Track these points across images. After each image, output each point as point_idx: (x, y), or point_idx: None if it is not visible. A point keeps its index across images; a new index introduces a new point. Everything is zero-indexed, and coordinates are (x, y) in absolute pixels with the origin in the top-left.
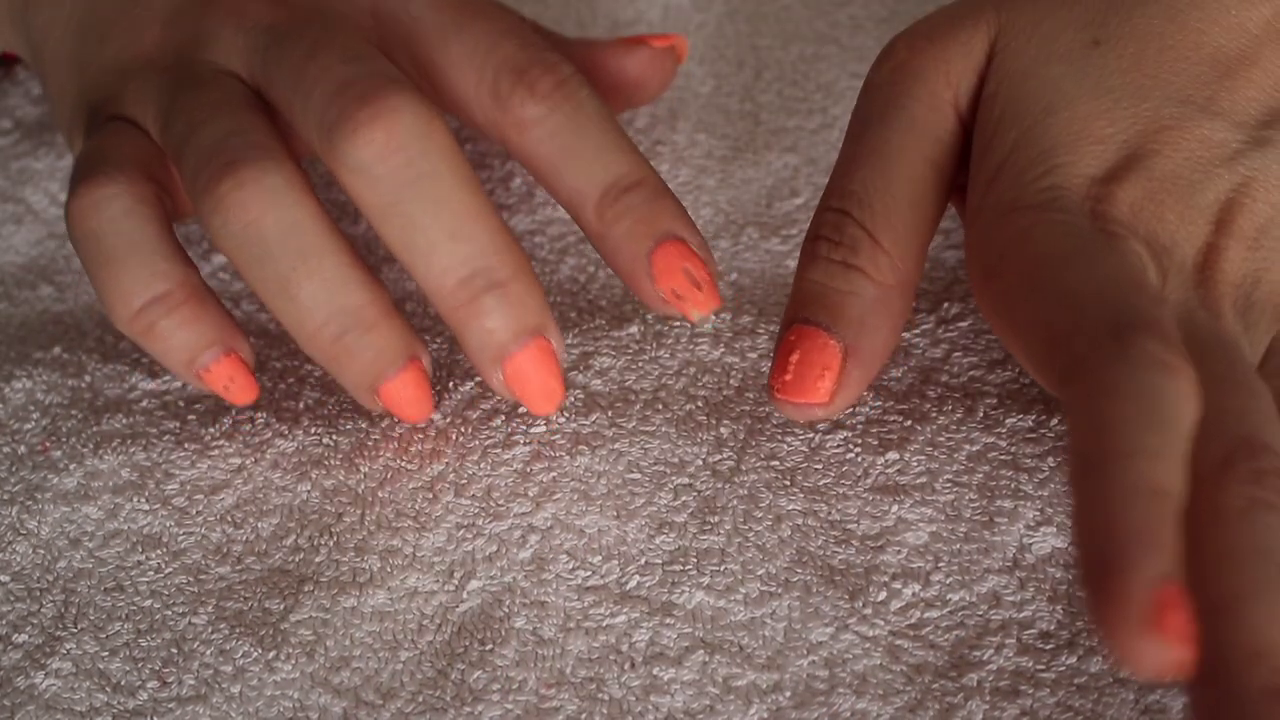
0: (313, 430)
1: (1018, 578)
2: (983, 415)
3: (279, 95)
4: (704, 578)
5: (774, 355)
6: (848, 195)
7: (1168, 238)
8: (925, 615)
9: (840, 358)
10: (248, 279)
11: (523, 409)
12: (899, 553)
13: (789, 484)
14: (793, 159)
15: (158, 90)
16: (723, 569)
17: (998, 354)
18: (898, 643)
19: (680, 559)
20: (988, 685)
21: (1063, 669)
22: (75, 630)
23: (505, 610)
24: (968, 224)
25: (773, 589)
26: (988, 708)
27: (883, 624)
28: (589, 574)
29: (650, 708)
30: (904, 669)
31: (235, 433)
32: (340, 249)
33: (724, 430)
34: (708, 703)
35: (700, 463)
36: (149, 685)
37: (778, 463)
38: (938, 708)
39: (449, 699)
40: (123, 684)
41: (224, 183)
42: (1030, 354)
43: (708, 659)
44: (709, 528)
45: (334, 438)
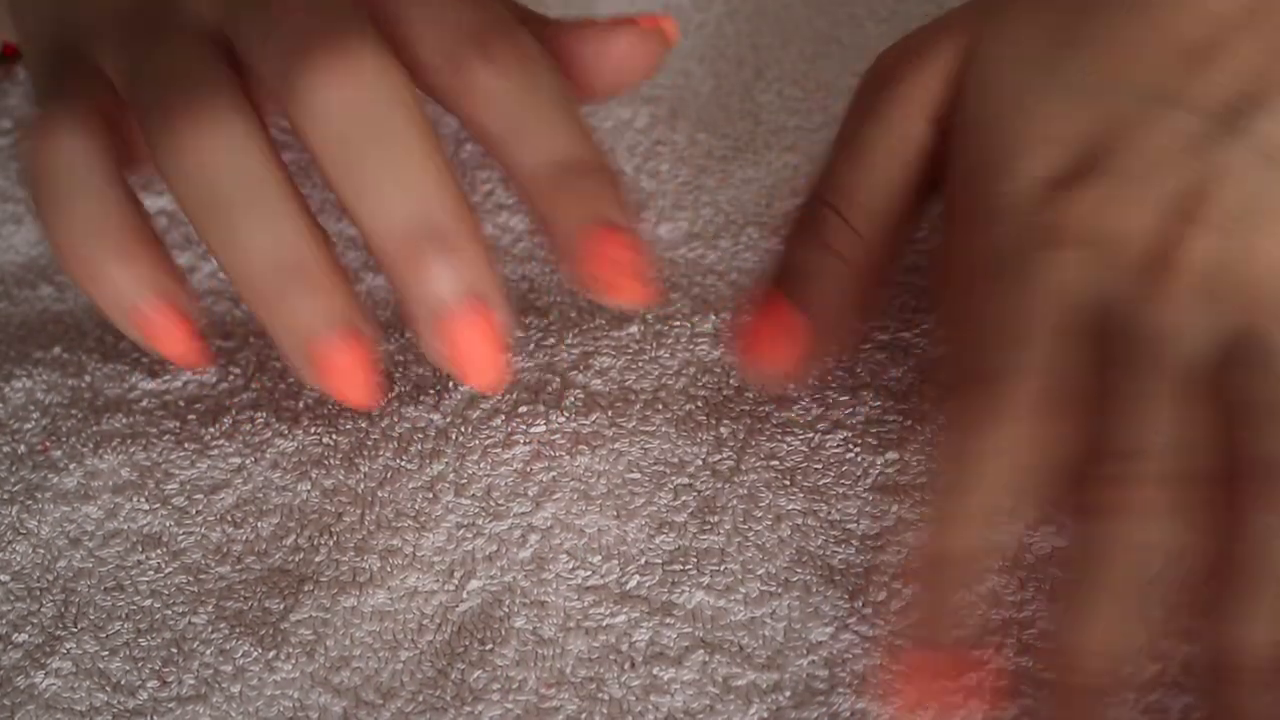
0: (312, 430)
1: (1018, 577)
2: None
3: (244, 43)
4: (704, 577)
5: (744, 318)
6: (828, 186)
7: (1122, 232)
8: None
9: (806, 327)
10: (194, 221)
11: (523, 408)
12: (899, 553)
13: (789, 484)
14: (793, 158)
15: (124, 39)
16: (723, 569)
17: None
18: (898, 643)
19: (680, 559)
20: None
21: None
22: (75, 630)
23: (505, 610)
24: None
25: (772, 589)
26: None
27: (883, 624)
28: (589, 574)
29: (650, 707)
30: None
31: (235, 432)
32: (294, 199)
33: (724, 430)
34: (707, 702)
35: (700, 462)
36: (149, 685)
37: (777, 462)
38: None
39: (449, 699)
40: (123, 683)
41: (181, 120)
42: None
43: (708, 659)
44: (709, 527)
45: (334, 437)
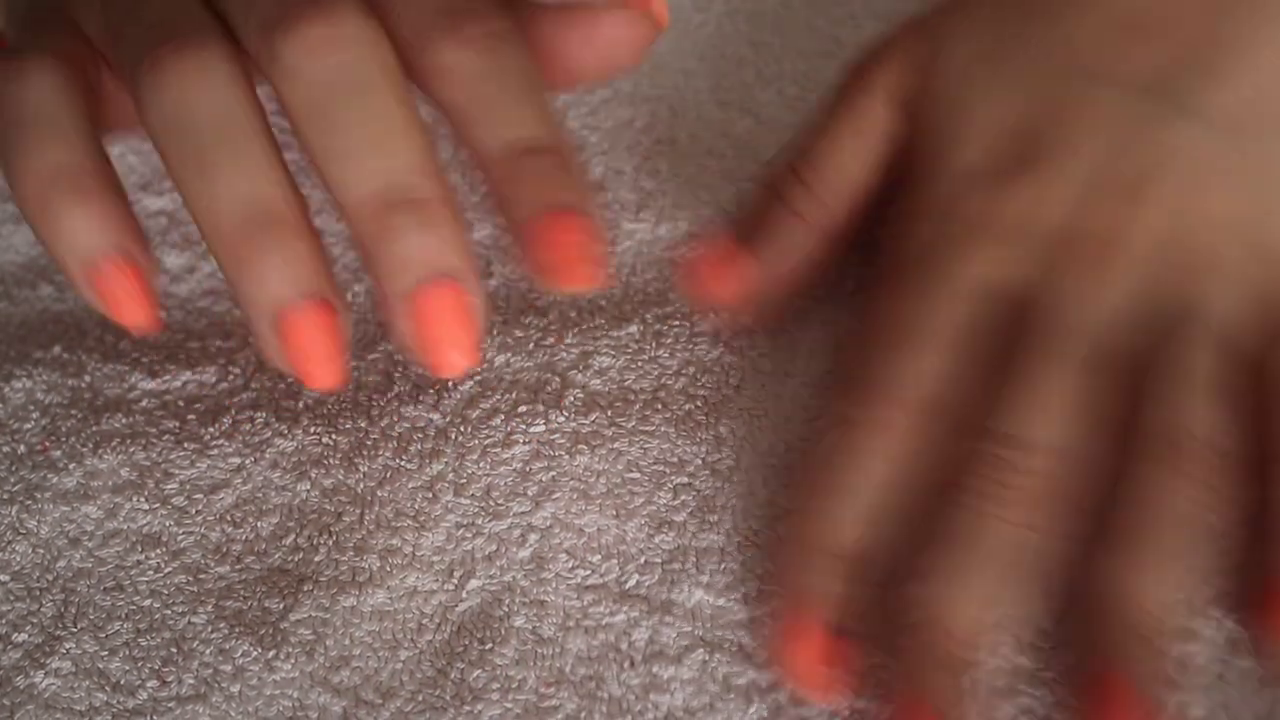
0: (312, 430)
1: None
2: None
3: (229, 4)
4: (703, 576)
5: (698, 252)
6: (796, 155)
7: (1051, 221)
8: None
9: (755, 268)
10: (169, 163)
11: (523, 408)
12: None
13: (788, 483)
14: None
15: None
16: (722, 568)
17: None
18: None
19: (680, 558)
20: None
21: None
22: (75, 630)
23: (505, 609)
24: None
25: (772, 588)
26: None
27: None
28: (588, 573)
29: (650, 706)
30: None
31: (235, 432)
32: (274, 154)
33: (723, 429)
34: (707, 701)
35: (699, 462)
36: (149, 685)
37: (776, 460)
38: None
39: (449, 698)
40: (122, 683)
41: (168, 58)
42: None
43: (707, 657)
44: (708, 526)
45: (333, 437)
